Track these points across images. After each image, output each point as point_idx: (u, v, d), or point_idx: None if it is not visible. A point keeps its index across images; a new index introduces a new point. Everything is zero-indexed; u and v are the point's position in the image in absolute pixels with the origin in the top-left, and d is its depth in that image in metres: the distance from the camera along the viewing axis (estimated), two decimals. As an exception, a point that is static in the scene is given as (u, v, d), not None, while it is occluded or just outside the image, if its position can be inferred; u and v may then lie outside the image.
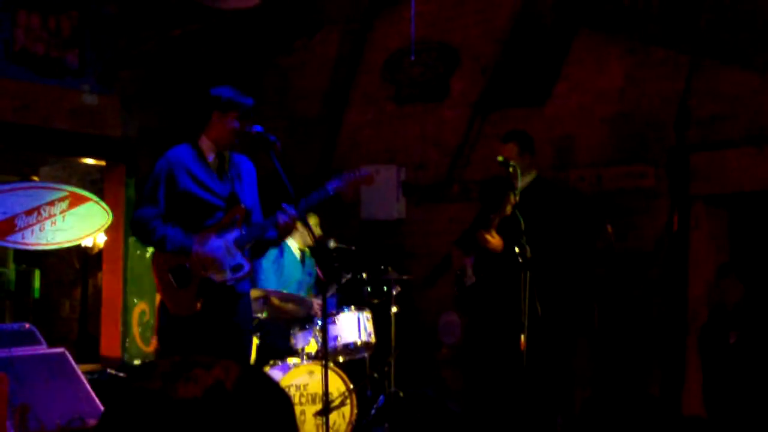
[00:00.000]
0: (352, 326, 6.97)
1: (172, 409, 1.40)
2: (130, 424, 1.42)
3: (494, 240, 6.65)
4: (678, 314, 7.55)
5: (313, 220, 7.44)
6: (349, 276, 7.43)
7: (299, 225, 6.35)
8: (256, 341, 6.87)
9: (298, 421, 6.39)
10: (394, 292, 7.39)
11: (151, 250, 6.16)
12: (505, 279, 6.68)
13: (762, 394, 6.66)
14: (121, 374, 8.28)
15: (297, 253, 7.81)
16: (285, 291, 7.28)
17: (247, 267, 5.50)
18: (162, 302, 5.54)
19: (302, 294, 7.54)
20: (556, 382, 7.34)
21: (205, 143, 5.58)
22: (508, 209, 6.32)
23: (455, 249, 7.26)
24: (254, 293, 6.87)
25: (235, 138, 5.53)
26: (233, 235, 5.47)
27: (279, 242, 6.07)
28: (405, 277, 7.56)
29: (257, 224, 5.57)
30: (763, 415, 6.59)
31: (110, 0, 9.01)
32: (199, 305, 5.38)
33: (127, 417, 1.44)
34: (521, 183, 6.62)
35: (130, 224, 5.66)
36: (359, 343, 6.96)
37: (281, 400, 1.53)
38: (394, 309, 7.34)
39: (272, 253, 7.58)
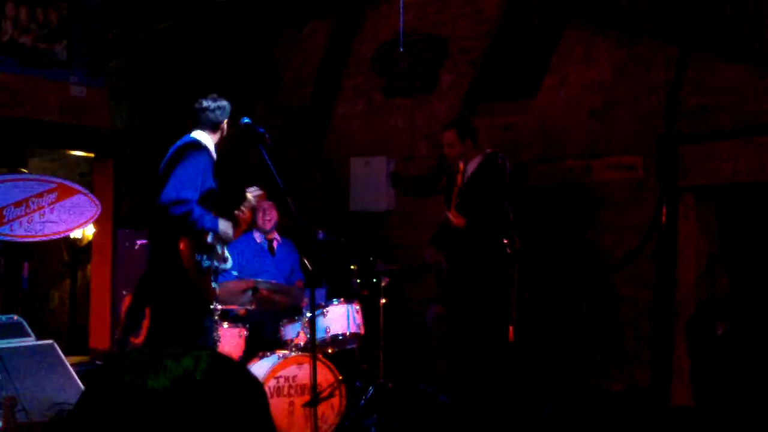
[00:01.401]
0: (341, 318, 6.98)
1: (141, 400, 1.41)
2: (99, 415, 1.42)
3: (456, 219, 6.81)
4: (666, 305, 7.57)
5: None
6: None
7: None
8: (244, 333, 6.88)
9: (287, 413, 6.41)
10: (383, 284, 7.40)
11: None
12: (474, 266, 6.82)
13: (750, 385, 6.68)
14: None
15: (263, 244, 7.85)
16: (273, 281, 7.29)
17: (231, 259, 5.92)
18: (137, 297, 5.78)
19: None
20: (543, 372, 7.37)
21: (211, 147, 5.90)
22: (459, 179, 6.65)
23: (429, 247, 7.38)
24: (243, 284, 6.90)
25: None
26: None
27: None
28: (394, 268, 7.57)
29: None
30: (750, 405, 6.62)
31: (98, -9, 8.98)
32: (218, 291, 5.79)
33: (96, 408, 1.44)
34: (466, 167, 7.01)
35: (172, 204, 5.59)
36: (348, 334, 6.97)
37: (253, 388, 1.53)
38: (383, 300, 7.35)
39: (253, 246, 7.68)
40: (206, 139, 5.88)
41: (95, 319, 9.49)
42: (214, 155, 5.88)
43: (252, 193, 6.22)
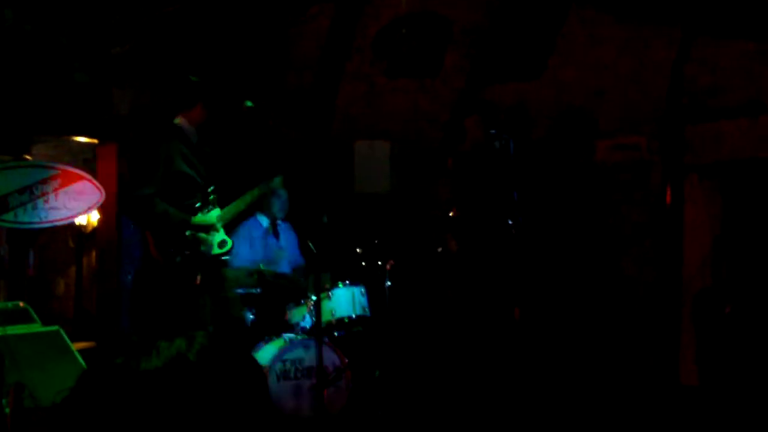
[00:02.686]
0: (347, 301, 6.97)
1: (134, 381, 1.41)
2: (94, 396, 1.43)
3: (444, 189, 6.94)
4: (672, 285, 7.57)
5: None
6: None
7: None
8: (251, 316, 6.89)
9: (294, 396, 6.41)
10: (388, 267, 7.38)
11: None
12: (490, 249, 6.78)
13: (756, 364, 6.68)
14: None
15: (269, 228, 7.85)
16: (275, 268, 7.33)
17: (230, 242, 5.95)
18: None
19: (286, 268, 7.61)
20: (551, 354, 7.37)
21: (187, 128, 5.89)
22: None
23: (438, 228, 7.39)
24: (249, 269, 6.90)
25: (201, 128, 5.93)
26: (214, 212, 5.85)
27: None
28: (400, 250, 7.56)
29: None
30: (756, 384, 6.62)
31: (101, -24, 8.95)
32: (198, 279, 5.70)
33: (91, 390, 1.44)
34: None
35: (129, 202, 5.77)
36: (354, 317, 6.97)
37: (251, 370, 1.54)
38: (388, 283, 7.34)
39: (260, 229, 7.67)
40: (182, 122, 5.87)
41: (101, 305, 9.50)
42: (192, 137, 5.86)
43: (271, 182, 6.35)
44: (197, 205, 5.79)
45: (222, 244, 5.88)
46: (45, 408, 6.09)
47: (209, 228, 5.82)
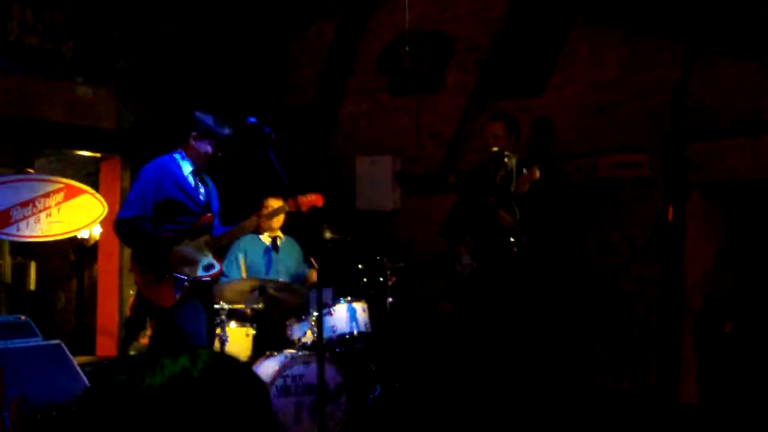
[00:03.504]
0: (348, 317, 6.97)
1: (138, 398, 1.41)
2: (98, 413, 1.43)
3: (507, 216, 6.75)
4: (674, 303, 7.55)
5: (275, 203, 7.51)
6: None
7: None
8: (252, 332, 6.88)
9: (294, 412, 6.40)
10: (390, 283, 7.39)
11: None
12: (503, 266, 6.75)
13: (757, 383, 6.67)
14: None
15: (269, 243, 7.85)
16: (280, 280, 7.30)
17: (217, 267, 6.14)
18: (140, 297, 5.96)
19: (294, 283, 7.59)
20: (551, 372, 7.36)
21: (183, 157, 6.09)
22: (527, 186, 6.47)
23: (443, 239, 7.35)
24: (250, 283, 6.91)
25: (206, 161, 6.09)
26: (204, 238, 6.05)
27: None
28: (401, 266, 7.56)
29: (222, 230, 6.23)
30: (757, 403, 6.60)
31: (104, -9, 8.98)
32: (177, 297, 5.87)
33: (95, 407, 1.44)
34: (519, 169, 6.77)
35: (115, 224, 5.97)
36: (355, 333, 6.96)
37: (255, 387, 1.53)
38: (389, 299, 7.34)
39: (262, 246, 7.69)
40: (178, 154, 6.08)
41: (102, 319, 9.50)
42: (183, 166, 6.02)
43: (273, 204, 6.55)
44: (187, 228, 5.93)
45: (208, 267, 6.03)
46: (46, 422, 6.08)
47: (196, 252, 5.91)
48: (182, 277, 5.89)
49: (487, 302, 6.97)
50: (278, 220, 7.73)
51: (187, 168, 6.01)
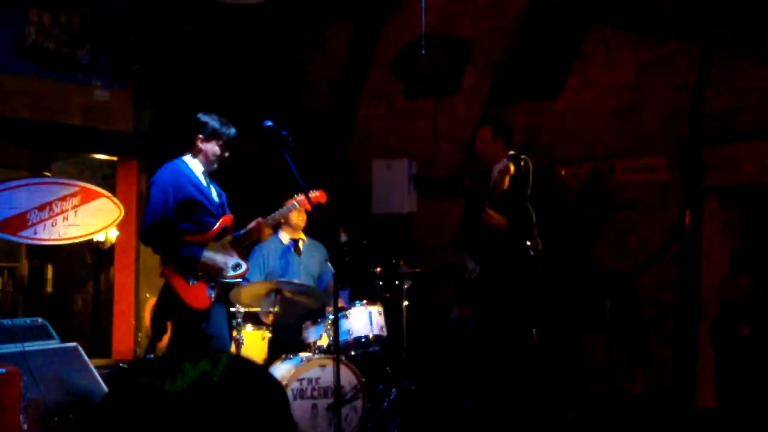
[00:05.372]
0: (364, 320, 6.97)
1: (159, 402, 1.41)
2: (118, 417, 1.43)
3: (497, 216, 6.73)
4: (690, 308, 7.53)
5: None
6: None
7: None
8: (268, 335, 6.89)
9: (310, 415, 6.40)
10: (406, 286, 7.39)
11: None
12: (506, 268, 6.75)
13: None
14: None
15: (287, 244, 7.83)
16: (295, 281, 7.29)
17: (245, 265, 6.10)
18: (174, 298, 5.82)
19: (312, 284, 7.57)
20: (567, 375, 7.34)
21: (192, 161, 6.04)
22: (506, 181, 6.46)
23: (449, 251, 7.33)
24: (267, 285, 6.90)
25: (215, 162, 6.04)
26: (227, 239, 6.02)
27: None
28: (417, 270, 7.56)
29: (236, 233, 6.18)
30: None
31: (121, -5, 9.02)
32: (212, 299, 5.88)
33: (115, 411, 1.44)
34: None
35: (142, 232, 6.01)
36: (371, 336, 6.96)
37: (274, 391, 1.53)
38: (405, 303, 7.34)
39: (279, 248, 7.67)
40: (187, 158, 6.06)
41: (119, 322, 9.53)
42: (195, 168, 6.01)
43: (296, 200, 6.54)
44: (208, 229, 5.94)
45: (236, 266, 6.01)
46: (63, 425, 6.10)
47: (224, 253, 5.94)
48: (215, 278, 5.90)
49: (492, 306, 6.96)
50: (300, 221, 7.71)
51: (198, 170, 6.00)
